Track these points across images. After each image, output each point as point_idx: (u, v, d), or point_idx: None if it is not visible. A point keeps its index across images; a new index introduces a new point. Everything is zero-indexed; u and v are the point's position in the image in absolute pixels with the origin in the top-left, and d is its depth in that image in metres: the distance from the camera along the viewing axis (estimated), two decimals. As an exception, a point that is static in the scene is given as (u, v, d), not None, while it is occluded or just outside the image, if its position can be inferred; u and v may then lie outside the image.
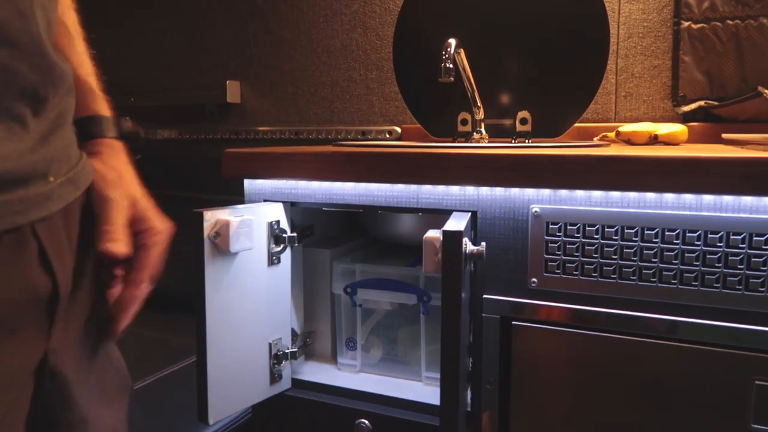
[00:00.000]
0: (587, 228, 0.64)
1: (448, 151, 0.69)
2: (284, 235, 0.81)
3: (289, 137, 1.51)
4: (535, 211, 0.66)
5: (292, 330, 0.87)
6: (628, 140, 0.97)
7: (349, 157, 0.73)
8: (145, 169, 0.54)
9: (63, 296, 0.41)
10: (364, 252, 0.95)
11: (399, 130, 1.38)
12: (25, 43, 0.38)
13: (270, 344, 0.81)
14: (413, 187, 0.73)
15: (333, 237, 0.98)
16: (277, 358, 0.82)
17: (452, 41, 0.95)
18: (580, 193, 0.65)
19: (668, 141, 0.97)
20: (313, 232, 0.89)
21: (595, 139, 1.12)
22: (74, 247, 0.44)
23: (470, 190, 0.70)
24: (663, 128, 0.98)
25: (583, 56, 1.07)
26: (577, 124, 1.16)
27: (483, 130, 1.08)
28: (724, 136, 0.99)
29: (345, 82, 1.43)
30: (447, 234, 0.58)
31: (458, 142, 1.16)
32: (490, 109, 1.13)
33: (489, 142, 1.08)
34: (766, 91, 1.07)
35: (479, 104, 1.06)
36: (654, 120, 1.19)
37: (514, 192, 0.68)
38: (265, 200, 0.82)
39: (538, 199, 0.67)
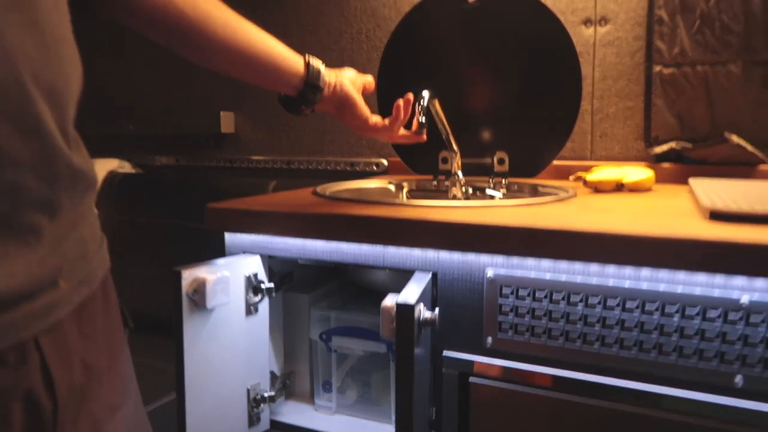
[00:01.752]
0: (537, 293, 0.69)
1: (409, 216, 0.74)
2: (262, 286, 0.86)
3: (281, 167, 1.56)
4: (489, 276, 0.71)
5: (272, 372, 0.92)
6: (596, 188, 1.01)
7: (319, 218, 0.78)
8: (143, 195, 0.60)
9: (63, 410, 0.43)
10: (341, 296, 1.00)
11: (386, 162, 1.43)
12: (32, 156, 0.40)
13: (248, 389, 0.86)
14: (379, 246, 0.78)
15: (312, 279, 1.03)
16: (255, 402, 0.87)
17: (425, 93, 0.99)
18: (530, 260, 0.69)
19: (634, 188, 1.01)
20: (292, 279, 0.94)
21: (570, 177, 1.16)
22: (97, 335, 0.47)
23: (431, 252, 0.75)
24: (630, 175, 1.02)
25: (557, 99, 1.11)
26: (554, 162, 1.20)
27: (460, 173, 1.12)
28: (690, 180, 1.03)
29: (327, 123, 1.48)
30: (400, 306, 0.62)
31: (439, 180, 1.20)
32: (471, 148, 1.17)
33: (467, 181, 1.13)
34: (732, 137, 1.11)
35: (455, 149, 1.11)
36: (628, 159, 1.23)
37: (471, 255, 0.72)
38: (244, 251, 0.87)
39: (493, 263, 0.71)
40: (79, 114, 0.47)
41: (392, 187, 1.23)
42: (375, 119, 0.83)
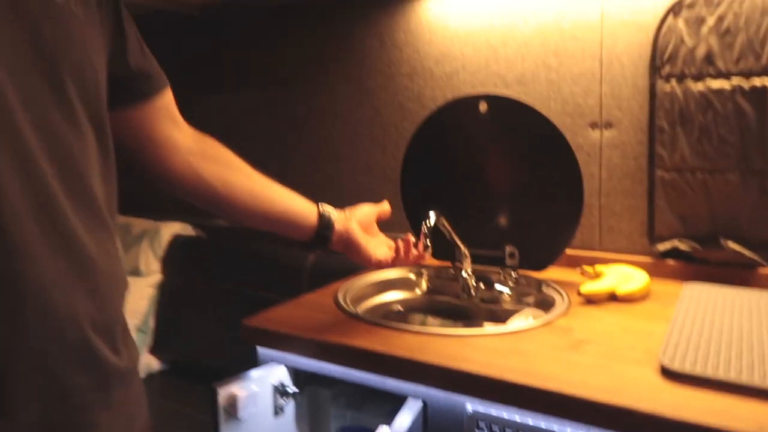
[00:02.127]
0: (507, 431, 0.81)
1: (402, 354, 0.87)
2: (288, 391, 1.02)
3: (320, 236, 1.72)
4: (469, 411, 0.84)
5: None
6: (589, 300, 1.11)
7: (331, 347, 0.93)
8: (202, 258, 0.78)
9: None
10: (360, 392, 1.14)
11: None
12: (90, 381, 0.58)
13: (276, 478, 1.02)
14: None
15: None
16: (282, 488, 1.03)
17: (432, 215, 1.12)
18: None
19: (627, 299, 1.10)
20: (316, 379, 1.10)
21: (578, 270, 1.25)
22: None
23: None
24: (623, 285, 1.11)
25: (562, 198, 1.20)
26: (566, 250, 1.30)
27: (470, 272, 1.24)
28: (684, 289, 1.11)
29: (368, 193, 1.62)
30: (385, 446, 0.76)
31: (456, 268, 1.32)
32: (485, 240, 1.28)
33: (481, 271, 1.25)
34: (728, 243, 1.18)
35: (465, 253, 1.23)
36: (634, 253, 1.31)
37: (455, 389, 0.85)
38: (272, 360, 1.03)
39: (472, 399, 0.84)
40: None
41: (413, 276, 1.36)
42: (379, 257, 0.96)
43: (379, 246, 0.99)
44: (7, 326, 0.50)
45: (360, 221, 0.98)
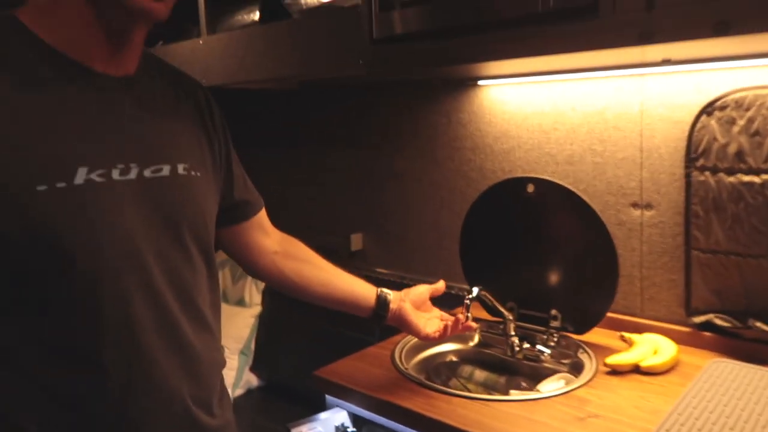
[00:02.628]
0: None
1: (440, 417, 1.08)
2: (348, 431, 1.26)
3: (396, 281, 1.95)
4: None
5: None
6: (614, 370, 1.24)
7: (383, 404, 1.16)
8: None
9: None
10: None
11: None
12: None
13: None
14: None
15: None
16: None
17: (474, 290, 1.32)
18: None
19: (650, 371, 1.23)
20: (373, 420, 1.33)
21: (618, 335, 1.39)
22: None
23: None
24: (648, 359, 1.24)
25: (602, 271, 1.34)
26: (610, 314, 1.43)
27: (514, 334, 1.42)
28: (705, 368, 1.22)
29: (435, 247, 1.83)
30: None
31: (507, 323, 1.49)
32: (533, 301, 1.44)
33: (527, 329, 1.42)
34: (756, 324, 1.27)
35: (510, 318, 1.40)
36: (672, 323, 1.41)
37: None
38: (337, 405, 1.27)
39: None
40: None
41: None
42: (427, 331, 1.15)
43: (430, 321, 1.17)
44: (135, 405, 0.76)
45: (413, 300, 1.17)
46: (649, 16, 0.91)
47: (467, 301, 1.29)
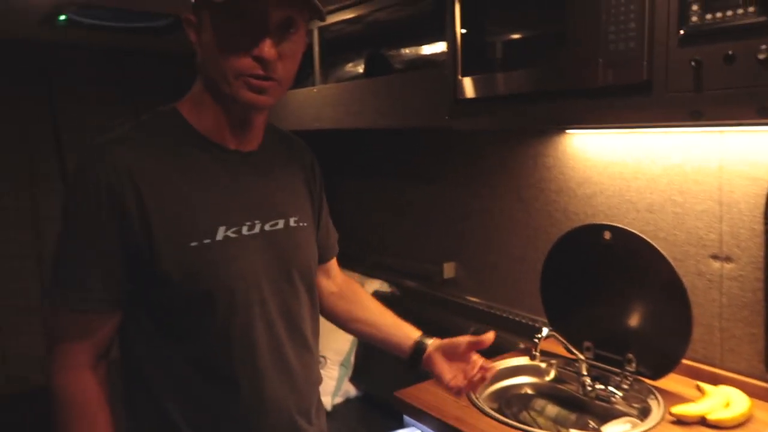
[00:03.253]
0: None
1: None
2: (421, 449, 1.41)
3: (483, 309, 2.07)
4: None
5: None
6: (680, 420, 1.28)
7: (452, 430, 1.29)
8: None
9: None
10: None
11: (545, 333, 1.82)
12: None
13: None
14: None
15: None
16: None
17: (544, 330, 1.41)
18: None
19: (717, 425, 1.25)
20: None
21: (695, 384, 1.41)
22: None
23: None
24: (716, 412, 1.26)
25: (676, 318, 1.37)
26: (689, 362, 1.46)
27: (586, 374, 1.48)
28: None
29: (522, 281, 1.92)
30: None
31: (581, 362, 1.55)
32: (608, 344, 1.50)
33: (602, 370, 1.49)
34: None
35: (583, 359, 1.47)
36: (752, 377, 1.40)
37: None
38: (411, 425, 1.43)
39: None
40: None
41: (543, 365, 1.63)
42: (450, 383, 1.09)
43: (457, 373, 1.10)
44: (255, 411, 0.97)
45: (446, 350, 1.12)
46: (699, 97, 0.97)
47: (536, 340, 1.39)
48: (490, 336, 1.09)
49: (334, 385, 2.26)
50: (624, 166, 1.57)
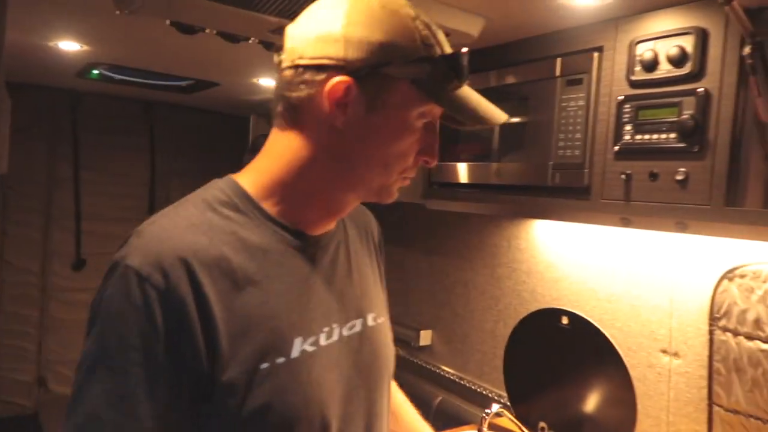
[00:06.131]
0: None
1: None
2: None
3: (454, 379, 2.12)
4: None
5: None
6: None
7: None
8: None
9: None
10: None
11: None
12: None
13: None
14: None
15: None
16: None
17: (495, 406, 1.47)
18: None
19: None
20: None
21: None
22: None
23: None
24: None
25: (627, 407, 1.42)
26: None
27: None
28: None
29: (490, 355, 1.99)
30: None
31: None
32: (562, 426, 1.55)
33: None
34: (767, 493, 1.28)
35: (529, 437, 1.53)
36: (694, 473, 1.44)
37: None
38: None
39: None
40: None
41: (499, 440, 1.68)
42: None
43: None
44: None
45: None
46: (628, 206, 1.08)
47: (484, 416, 1.45)
48: None
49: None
50: (588, 255, 1.66)
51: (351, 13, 0.69)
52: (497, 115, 0.75)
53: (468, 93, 0.74)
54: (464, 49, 0.71)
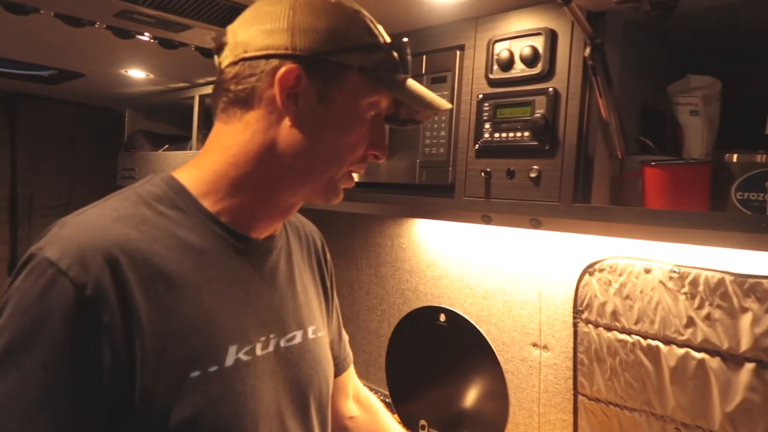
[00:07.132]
0: None
1: None
2: None
3: (343, 380, 2.09)
4: None
5: None
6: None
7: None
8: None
9: None
10: None
11: None
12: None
13: None
14: None
15: None
16: None
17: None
18: None
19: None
20: None
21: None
22: None
23: None
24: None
25: (500, 400, 1.46)
26: None
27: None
28: None
29: (375, 356, 1.97)
30: None
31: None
32: (441, 423, 1.56)
33: None
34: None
35: (408, 436, 1.52)
36: (562, 461, 1.50)
37: None
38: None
39: None
40: None
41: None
42: None
43: None
44: None
45: None
46: (488, 204, 1.09)
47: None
48: None
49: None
50: (464, 253, 1.69)
51: (296, 6, 0.69)
52: (443, 102, 0.77)
53: (412, 83, 0.75)
54: (405, 39, 0.73)
